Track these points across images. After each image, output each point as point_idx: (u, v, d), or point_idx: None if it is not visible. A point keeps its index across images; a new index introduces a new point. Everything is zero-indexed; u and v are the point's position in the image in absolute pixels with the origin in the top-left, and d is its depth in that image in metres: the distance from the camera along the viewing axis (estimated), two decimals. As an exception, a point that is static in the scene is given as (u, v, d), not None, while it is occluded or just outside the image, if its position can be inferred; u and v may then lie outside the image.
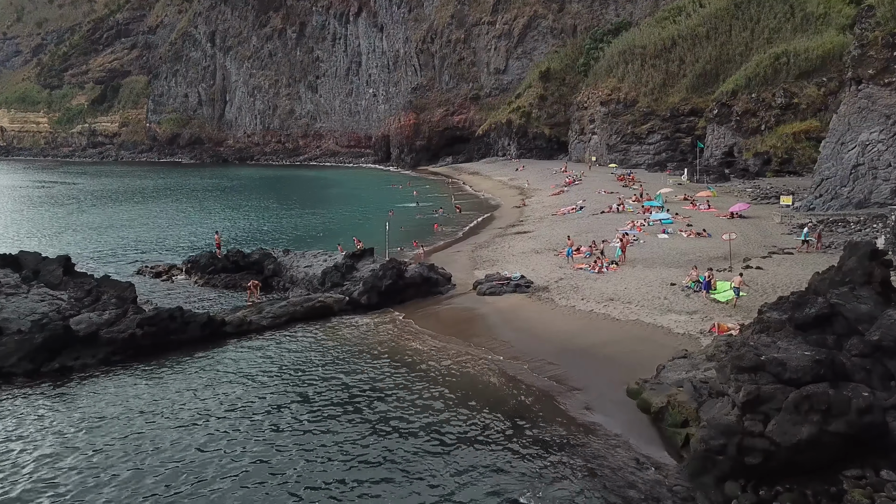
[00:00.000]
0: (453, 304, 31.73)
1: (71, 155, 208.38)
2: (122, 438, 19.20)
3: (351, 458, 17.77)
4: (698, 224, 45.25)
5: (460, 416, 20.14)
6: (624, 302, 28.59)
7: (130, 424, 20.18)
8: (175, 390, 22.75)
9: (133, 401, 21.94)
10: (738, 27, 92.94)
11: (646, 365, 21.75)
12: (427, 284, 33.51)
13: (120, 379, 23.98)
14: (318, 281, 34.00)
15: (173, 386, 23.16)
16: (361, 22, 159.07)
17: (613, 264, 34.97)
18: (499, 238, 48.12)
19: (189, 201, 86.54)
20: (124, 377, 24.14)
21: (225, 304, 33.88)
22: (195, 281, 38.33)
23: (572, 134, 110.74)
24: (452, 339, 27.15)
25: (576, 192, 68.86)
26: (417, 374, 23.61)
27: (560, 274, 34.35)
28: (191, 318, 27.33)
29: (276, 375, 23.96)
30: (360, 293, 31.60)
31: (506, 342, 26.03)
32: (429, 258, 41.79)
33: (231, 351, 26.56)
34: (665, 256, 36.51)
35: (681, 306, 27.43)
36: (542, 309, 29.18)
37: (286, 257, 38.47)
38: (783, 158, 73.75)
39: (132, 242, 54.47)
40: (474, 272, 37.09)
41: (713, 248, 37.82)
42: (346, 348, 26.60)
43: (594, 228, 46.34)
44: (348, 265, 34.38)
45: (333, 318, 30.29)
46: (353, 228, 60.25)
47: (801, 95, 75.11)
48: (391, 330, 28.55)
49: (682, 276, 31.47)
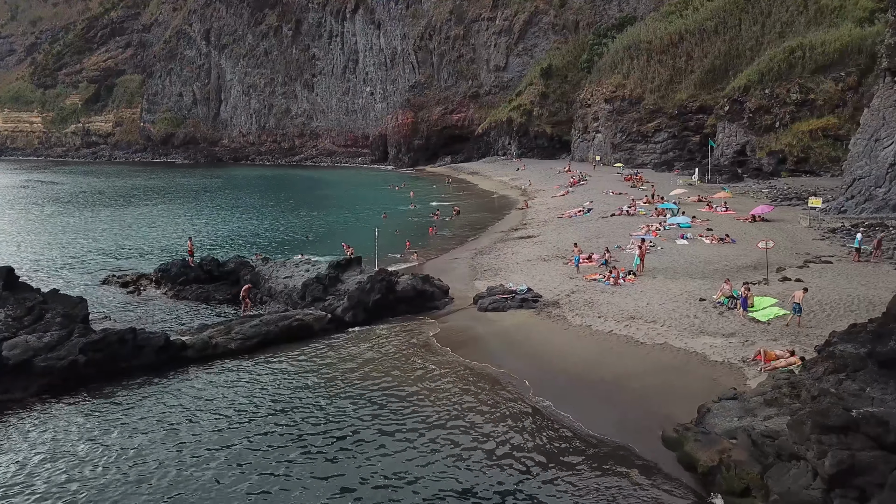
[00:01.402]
0: (450, 323, 27.84)
1: (64, 155, 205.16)
2: (43, 495, 15.45)
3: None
4: (718, 228, 41.49)
5: (458, 474, 16.32)
6: (647, 321, 24.75)
7: (55, 474, 16.42)
8: (118, 431, 19.00)
9: (66, 444, 18.20)
10: (748, 21, 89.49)
11: (682, 403, 17.98)
12: (421, 298, 29.64)
13: (53, 417, 20.17)
14: (298, 294, 30.08)
15: (117, 426, 19.40)
16: (358, 19, 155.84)
17: (631, 275, 31.16)
18: (501, 243, 44.21)
19: (176, 203, 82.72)
20: (60, 414, 20.33)
21: (195, 319, 30.04)
22: (165, 292, 34.49)
23: (575, 132, 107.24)
24: (450, 366, 23.32)
25: (581, 193, 65.02)
26: (406, 413, 19.80)
27: (571, 286, 30.50)
28: (145, 341, 23.47)
29: (242, 411, 20.19)
30: (345, 309, 27.73)
31: (511, 372, 22.17)
32: (423, 267, 37.87)
33: (191, 380, 22.74)
34: (687, 266, 32.69)
35: (715, 327, 23.61)
36: (552, 329, 25.33)
37: (265, 266, 34.56)
38: (799, 157, 70.24)
39: (106, 247, 50.64)
40: (474, 283, 33.19)
41: (740, 255, 34.03)
42: (325, 377, 22.78)
43: (605, 233, 42.45)
44: (332, 277, 30.45)
45: (313, 340, 26.37)
46: (344, 232, 56.53)
47: (818, 91, 71.57)
48: (378, 355, 24.67)
49: (711, 289, 27.67)
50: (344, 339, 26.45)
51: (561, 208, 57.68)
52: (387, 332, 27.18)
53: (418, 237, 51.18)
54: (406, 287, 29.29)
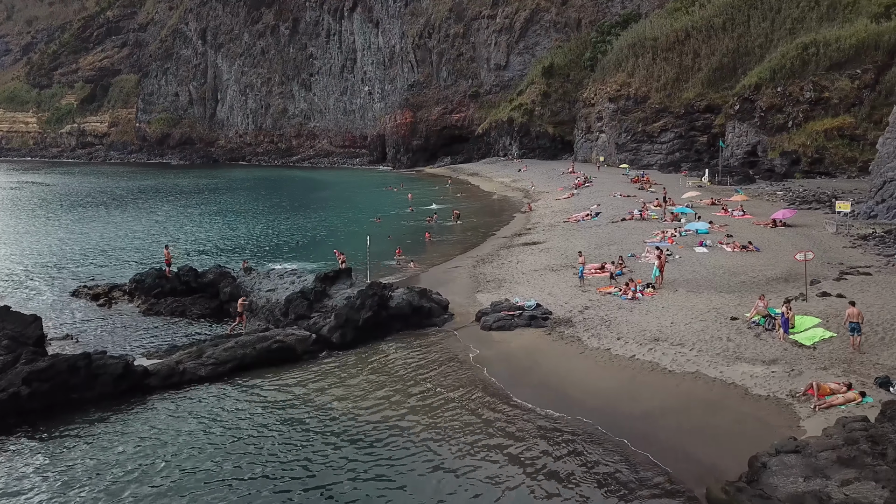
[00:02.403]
0: (450, 344, 24.82)
1: (60, 156, 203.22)
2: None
3: None
4: (738, 234, 38.56)
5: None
6: (674, 344, 21.82)
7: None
8: (61, 478, 16.05)
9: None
10: (756, 17, 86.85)
11: (727, 450, 15.14)
12: (417, 315, 26.66)
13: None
14: (281, 310, 27.11)
15: (59, 470, 16.45)
16: (356, 17, 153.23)
17: (650, 288, 28.21)
18: (504, 250, 41.19)
19: (166, 206, 79.74)
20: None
21: (167, 338, 27.08)
22: (138, 305, 31.53)
23: (578, 132, 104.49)
24: (451, 396, 20.38)
25: (587, 196, 62.04)
26: (399, 459, 16.85)
27: (584, 300, 27.53)
28: (101, 369, 20.51)
29: (206, 453, 17.25)
30: (332, 329, 24.71)
31: (521, 406, 19.21)
32: (419, 277, 34.87)
33: (152, 415, 19.78)
34: (711, 277, 29.74)
35: (752, 352, 20.68)
36: (566, 353, 22.40)
37: (247, 277, 31.56)
38: (813, 158, 67.50)
39: (86, 254, 47.68)
40: (476, 296, 30.20)
41: (767, 266, 31.09)
42: (308, 410, 19.83)
43: (617, 239, 39.45)
44: (318, 291, 27.44)
45: (296, 364, 23.37)
46: (337, 237, 53.67)
47: (833, 89, 68.80)
48: (369, 382, 21.68)
49: (741, 306, 24.75)
50: (330, 364, 23.44)
51: (566, 212, 54.74)
52: (379, 354, 24.21)
53: (414, 243, 48.20)
54: (401, 303, 26.32)
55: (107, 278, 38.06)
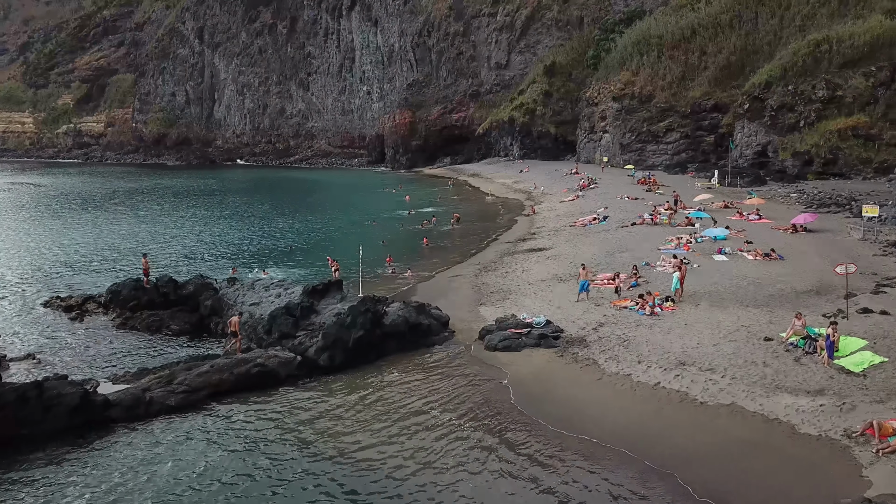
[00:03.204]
0: (451, 369, 22.30)
1: (56, 156, 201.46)
2: None
3: None
4: (758, 240, 36.13)
5: None
6: (703, 369, 19.40)
7: None
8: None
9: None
10: (765, 14, 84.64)
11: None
12: (415, 334, 24.20)
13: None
14: (264, 328, 24.65)
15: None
16: (355, 16, 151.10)
17: (669, 301, 25.76)
18: (508, 257, 38.70)
19: (158, 209, 77.25)
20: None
21: (139, 358, 24.64)
22: (112, 319, 29.09)
23: (581, 132, 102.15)
24: (452, 432, 17.95)
25: (593, 198, 59.55)
26: None
27: (598, 316, 25.09)
28: (55, 399, 18.09)
29: (173, 500, 14.83)
30: (319, 350, 22.27)
31: (532, 443, 16.77)
32: (416, 288, 32.36)
33: (111, 452, 17.34)
34: (735, 289, 27.28)
35: (794, 380, 18.27)
36: (582, 379, 19.97)
37: (230, 289, 29.09)
38: (827, 159, 65.20)
39: (67, 260, 45.26)
40: (479, 310, 27.75)
41: (794, 276, 28.64)
42: (289, 448, 17.40)
43: (629, 246, 36.95)
44: (305, 307, 24.95)
45: (278, 390, 20.91)
46: (332, 242, 51.31)
47: (847, 87, 66.53)
48: (357, 417, 19.14)
49: (772, 323, 22.33)
50: (317, 391, 20.95)
51: (572, 215, 52.29)
52: (371, 380, 21.72)
53: (411, 249, 45.74)
54: (396, 319, 23.85)
55: (86, 287, 35.71)
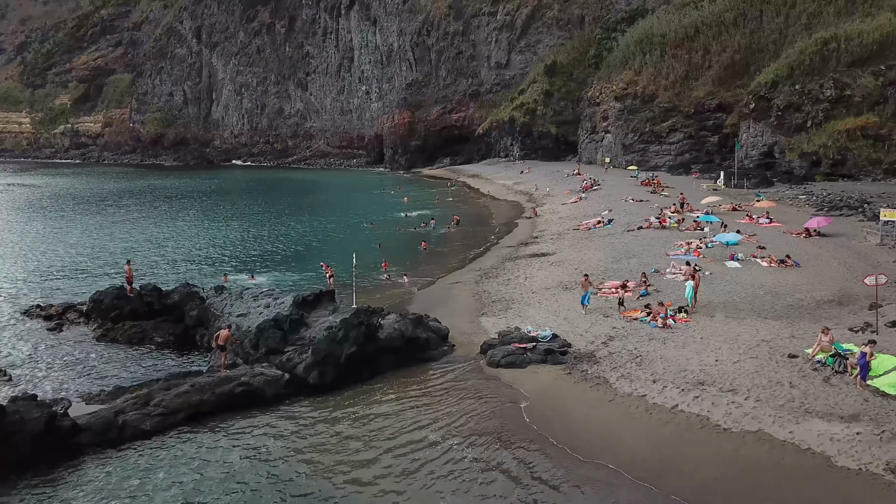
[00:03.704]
0: (451, 386, 20.67)
1: (53, 156, 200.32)
2: None
3: None
4: (770, 245, 34.60)
5: None
6: (723, 390, 17.88)
7: None
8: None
9: None
10: (770, 12, 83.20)
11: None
12: (412, 348, 22.67)
13: None
14: (251, 342, 23.12)
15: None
16: (354, 15, 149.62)
17: (682, 312, 24.23)
18: (510, 263, 37.14)
19: (151, 211, 75.64)
20: None
21: (118, 373, 23.10)
22: (94, 329, 27.55)
23: (582, 133, 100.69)
24: (450, 462, 16.41)
25: (597, 200, 57.97)
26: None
27: (607, 328, 23.56)
28: (16, 425, 16.56)
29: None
30: (308, 367, 20.73)
31: (544, 470, 15.23)
32: (414, 297, 30.79)
33: (77, 483, 15.83)
34: (751, 299, 25.75)
35: (825, 403, 16.76)
36: (592, 400, 18.44)
37: (217, 298, 27.53)
38: (835, 160, 63.76)
39: (54, 265, 43.70)
40: (481, 321, 26.22)
41: (813, 285, 27.13)
42: (274, 477, 15.85)
43: (636, 251, 35.36)
44: (294, 320, 23.40)
45: (264, 411, 19.39)
46: (327, 245, 49.79)
47: (855, 86, 65.06)
48: (349, 442, 17.55)
49: (795, 337, 20.81)
50: (306, 411, 19.42)
51: (575, 218, 50.72)
52: (365, 400, 20.16)
53: (409, 253, 44.19)
54: (392, 333, 22.31)
55: (70, 294, 34.19)
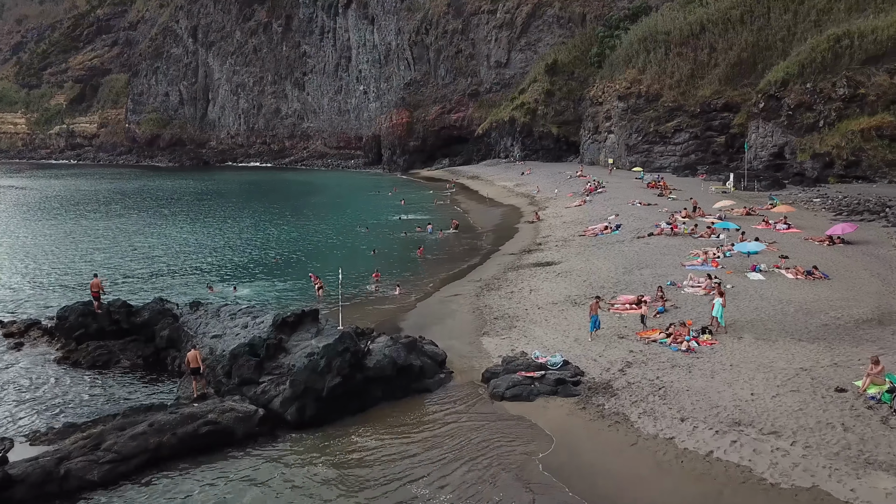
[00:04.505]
0: (448, 422, 18.07)
1: (48, 157, 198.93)
2: None
3: None
4: (791, 253, 32.06)
5: None
6: (765, 431, 15.38)
7: None
8: None
9: None
10: (778, 9, 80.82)
11: None
12: (404, 377, 19.96)
13: None
14: (224, 368, 20.56)
15: None
16: (351, 14, 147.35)
17: (706, 333, 21.73)
18: (512, 272, 34.56)
19: (134, 214, 73.04)
20: None
21: (75, 405, 20.57)
22: (57, 349, 25.06)
23: (584, 133, 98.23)
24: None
25: (602, 204, 55.36)
26: None
27: (623, 352, 21.05)
28: (-65, 477, 14.11)
29: None
30: (286, 401, 18.16)
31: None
32: (408, 314, 28.17)
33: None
34: (780, 317, 23.20)
35: (888, 452, 14.30)
36: (612, 444, 15.92)
37: (192, 316, 24.99)
38: (849, 161, 61.34)
39: (28, 275, 41.20)
40: (482, 341, 23.66)
41: (849, 301, 24.57)
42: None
43: (648, 261, 32.71)
44: (271, 344, 20.77)
45: (234, 454, 16.85)
46: (320, 251, 47.32)
47: (869, 85, 62.62)
48: (330, 488, 15.15)
49: (839, 365, 18.29)
50: (281, 454, 16.84)
51: (580, 222, 48.15)
52: (349, 440, 17.54)
53: (404, 260, 41.66)
54: (382, 360, 19.69)
55: (40, 308, 31.71)
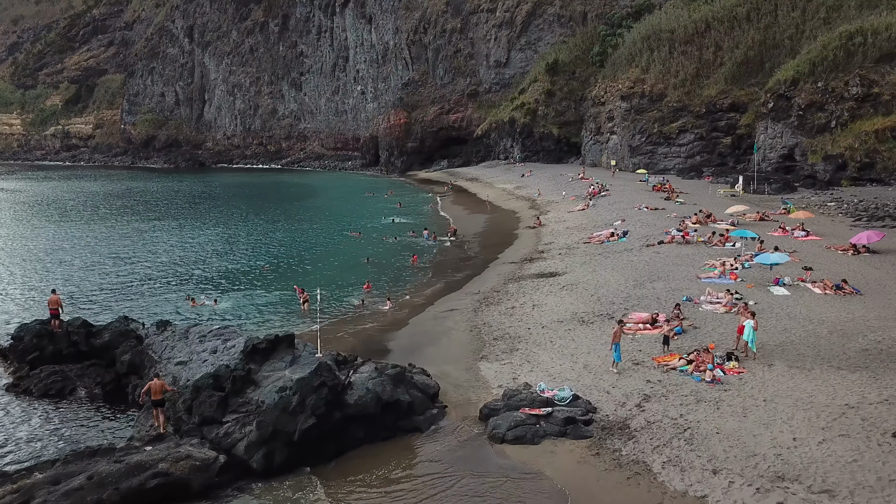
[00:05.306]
0: (440, 471, 15.52)
1: (44, 158, 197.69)
2: None
3: None
4: (813, 264, 29.60)
5: None
6: (816, 489, 12.98)
7: None
8: None
9: None
10: (785, 6, 78.62)
11: None
12: (391, 414, 17.28)
13: None
14: (186, 404, 17.99)
15: None
16: (349, 13, 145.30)
17: (733, 360, 19.26)
18: (513, 284, 32.02)
19: (119, 219, 70.60)
20: None
21: (15, 446, 18.09)
22: (10, 374, 22.63)
23: (586, 134, 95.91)
24: None
25: (606, 208, 52.86)
26: None
27: (639, 381, 18.59)
28: None
29: None
30: (252, 445, 15.52)
31: None
32: (395, 331, 25.66)
33: None
34: (813, 340, 20.74)
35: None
36: (633, 499, 13.47)
37: (158, 337, 22.48)
38: (863, 163, 58.97)
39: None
40: (480, 367, 21.13)
41: (887, 321, 22.11)
42: None
43: (660, 272, 30.14)
44: (239, 377, 18.02)
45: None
46: (305, 258, 44.88)
47: (884, 84, 60.31)
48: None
49: (890, 402, 15.86)
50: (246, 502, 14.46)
51: (584, 228, 45.67)
52: (323, 490, 15.01)
53: (396, 269, 39.20)
54: (364, 396, 16.92)
55: (1, 324, 29.30)
